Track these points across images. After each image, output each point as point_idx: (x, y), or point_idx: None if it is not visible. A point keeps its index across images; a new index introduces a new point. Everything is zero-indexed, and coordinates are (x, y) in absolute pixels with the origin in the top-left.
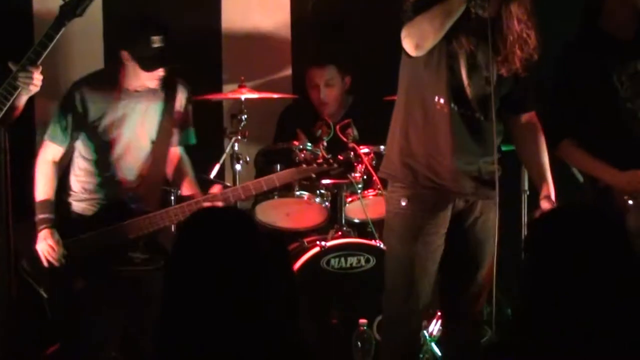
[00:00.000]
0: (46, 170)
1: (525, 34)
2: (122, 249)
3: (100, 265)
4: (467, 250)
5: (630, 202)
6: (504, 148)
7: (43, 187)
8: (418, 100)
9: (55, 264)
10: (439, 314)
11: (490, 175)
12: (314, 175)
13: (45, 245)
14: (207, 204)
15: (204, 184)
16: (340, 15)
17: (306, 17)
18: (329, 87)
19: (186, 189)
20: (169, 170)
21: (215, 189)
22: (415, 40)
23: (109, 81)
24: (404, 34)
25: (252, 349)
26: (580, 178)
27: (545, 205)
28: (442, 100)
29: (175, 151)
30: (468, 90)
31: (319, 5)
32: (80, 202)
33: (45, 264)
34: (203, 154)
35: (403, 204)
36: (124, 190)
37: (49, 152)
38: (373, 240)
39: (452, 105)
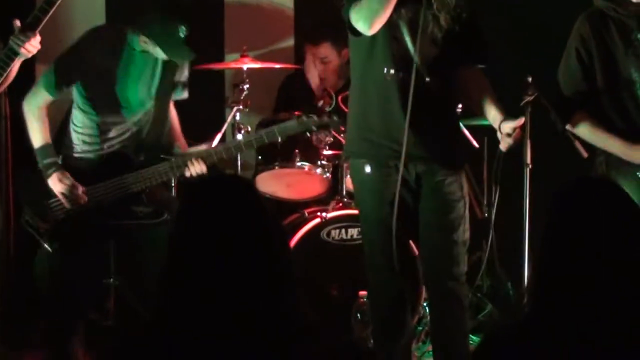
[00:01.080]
0: (39, 114)
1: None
2: (126, 202)
3: (104, 219)
4: (435, 212)
5: None
6: (484, 122)
7: (41, 132)
8: (369, 75)
9: (80, 201)
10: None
11: (449, 138)
12: (315, 129)
13: (64, 186)
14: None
15: None
16: None
17: None
18: (325, 64)
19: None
20: None
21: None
22: (369, 21)
23: (111, 38)
24: (355, 18)
25: (253, 320)
26: (584, 153)
27: (509, 124)
28: (391, 71)
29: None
30: (415, 56)
31: None
32: (81, 154)
33: (68, 205)
34: (204, 123)
35: (367, 170)
36: (124, 144)
37: (40, 98)
38: None
39: (402, 74)
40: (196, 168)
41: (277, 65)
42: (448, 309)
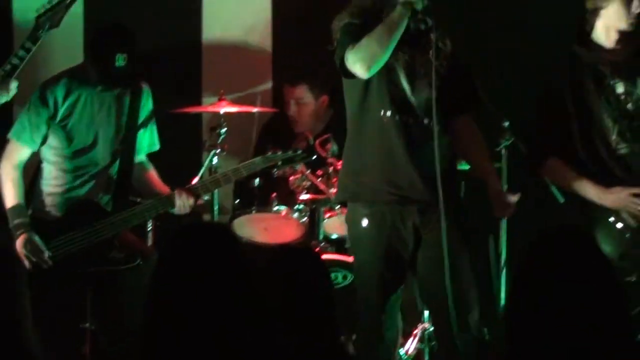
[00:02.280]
0: (13, 174)
1: (442, 43)
2: (98, 248)
3: (77, 266)
4: (436, 259)
5: (619, 225)
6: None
7: (13, 192)
8: (366, 118)
9: (43, 265)
10: (415, 332)
11: (450, 181)
12: (280, 163)
13: (28, 250)
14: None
15: None
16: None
17: (288, 31)
18: (299, 105)
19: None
20: (139, 177)
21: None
22: (367, 63)
23: (80, 79)
24: (352, 60)
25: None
26: (561, 199)
27: (501, 198)
28: (388, 113)
29: (141, 158)
30: (412, 99)
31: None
32: (52, 204)
33: (29, 266)
34: (181, 167)
35: (364, 224)
36: (94, 190)
37: (16, 154)
38: (350, 257)
39: (398, 116)
40: (184, 200)
41: (254, 109)
42: None
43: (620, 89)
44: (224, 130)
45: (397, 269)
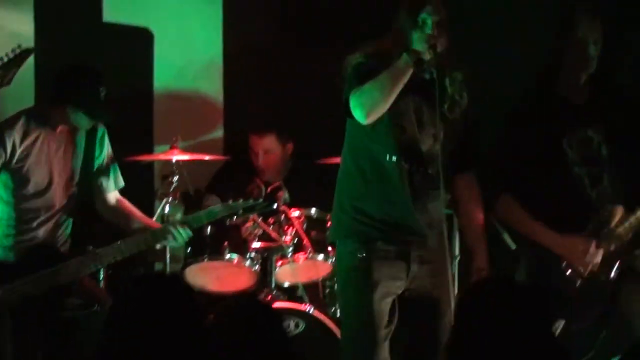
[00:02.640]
0: None
1: (459, 95)
2: (56, 294)
3: (34, 312)
4: (426, 298)
5: (569, 272)
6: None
7: None
8: (369, 160)
9: None
10: None
11: (440, 225)
12: (241, 211)
13: None
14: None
15: None
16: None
17: (239, 79)
18: (268, 155)
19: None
20: (117, 215)
21: None
22: (367, 109)
23: (38, 120)
24: (353, 104)
25: None
26: (512, 245)
27: (479, 274)
28: (394, 159)
29: (115, 195)
30: (420, 146)
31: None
32: (7, 246)
33: None
34: None
35: (360, 255)
36: (51, 232)
37: None
38: (303, 305)
39: (405, 162)
40: (182, 232)
41: (206, 157)
42: None
43: (582, 133)
44: (176, 178)
45: (388, 304)
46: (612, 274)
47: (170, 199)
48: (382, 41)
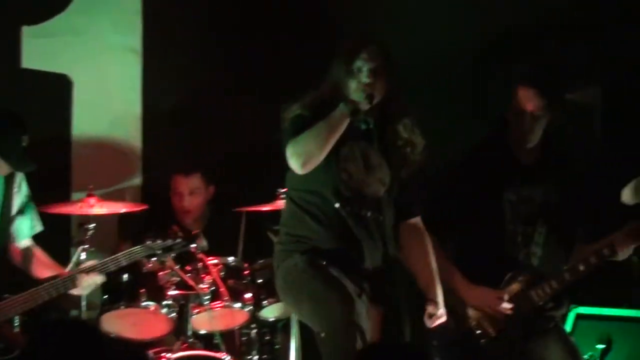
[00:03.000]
0: None
1: (409, 144)
2: None
3: None
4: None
5: (478, 331)
6: None
7: None
8: (314, 204)
9: None
10: None
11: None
12: (160, 251)
13: None
14: None
15: None
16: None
17: (158, 126)
18: (193, 195)
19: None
20: (27, 262)
21: None
22: (302, 159)
23: None
24: (289, 153)
25: None
26: None
27: (430, 309)
28: (337, 205)
29: (28, 242)
30: (365, 190)
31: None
32: None
33: None
34: None
35: (301, 255)
36: None
37: None
38: (219, 353)
39: (348, 207)
40: (92, 278)
41: (123, 209)
42: None
43: (523, 193)
44: (92, 226)
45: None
46: (521, 332)
47: (87, 246)
48: (318, 92)
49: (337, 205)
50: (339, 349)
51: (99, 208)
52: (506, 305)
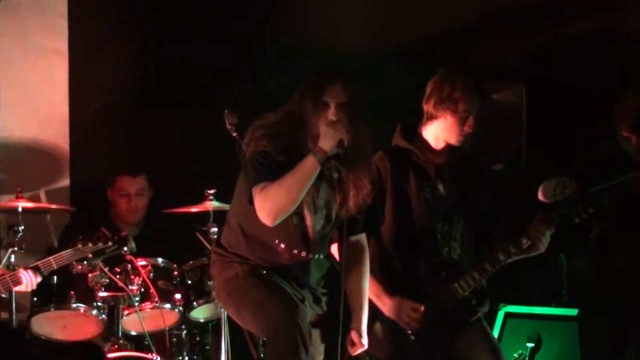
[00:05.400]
0: None
1: (362, 185)
2: None
3: None
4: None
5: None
6: None
7: None
8: (256, 239)
9: None
10: None
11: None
12: (90, 255)
13: None
14: None
15: None
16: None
17: (85, 129)
18: (139, 196)
19: None
20: None
21: None
22: (273, 215)
23: None
24: (259, 206)
25: None
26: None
27: (354, 337)
28: (282, 245)
29: None
30: (311, 233)
31: (99, 114)
32: None
33: None
34: None
35: (240, 265)
36: None
37: None
38: (150, 354)
39: (295, 250)
40: (31, 277)
41: (53, 206)
42: None
43: (439, 191)
44: (21, 228)
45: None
46: (447, 325)
47: (16, 248)
48: (280, 122)
49: (282, 245)
50: (281, 353)
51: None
52: (417, 319)
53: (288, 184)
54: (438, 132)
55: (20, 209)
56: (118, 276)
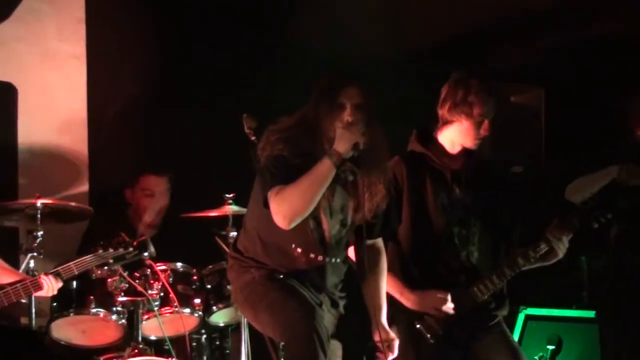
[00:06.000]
0: None
1: (376, 190)
2: None
3: None
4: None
5: (418, 325)
6: None
7: None
8: (272, 244)
9: None
10: None
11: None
12: (111, 261)
13: None
14: None
15: None
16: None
17: (104, 133)
18: (164, 196)
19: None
20: None
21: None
22: (289, 219)
23: None
24: (273, 209)
25: None
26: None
27: (384, 335)
28: (299, 250)
29: None
30: (327, 237)
31: (118, 119)
32: None
33: None
34: None
35: (258, 270)
36: None
37: None
38: (170, 358)
39: (311, 254)
40: (52, 283)
41: (73, 203)
42: None
43: (455, 196)
44: (40, 233)
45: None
46: (466, 329)
47: (35, 254)
48: (295, 125)
49: (299, 250)
50: (299, 356)
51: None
52: (450, 305)
53: (303, 187)
54: (454, 136)
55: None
56: (137, 281)
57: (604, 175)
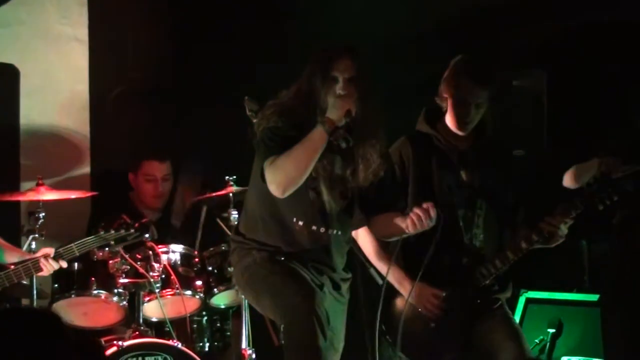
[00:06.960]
0: None
1: (371, 159)
2: None
3: None
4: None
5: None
6: None
7: None
8: (273, 219)
9: None
10: None
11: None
12: (112, 243)
13: None
14: None
15: None
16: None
17: (106, 115)
18: (166, 182)
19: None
20: None
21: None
22: (283, 186)
23: None
24: (269, 179)
25: None
26: (379, 280)
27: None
28: (300, 223)
29: None
30: (328, 208)
31: (120, 101)
32: None
33: None
34: None
35: (259, 252)
36: None
37: None
38: (170, 340)
39: (313, 226)
40: (51, 263)
41: (73, 195)
42: None
43: (461, 177)
44: (42, 214)
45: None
46: (468, 313)
47: (37, 235)
48: (289, 98)
49: (300, 223)
50: (299, 339)
51: (49, 194)
52: (441, 304)
53: (296, 155)
54: (455, 119)
55: (40, 200)
56: (139, 263)
57: (590, 166)
